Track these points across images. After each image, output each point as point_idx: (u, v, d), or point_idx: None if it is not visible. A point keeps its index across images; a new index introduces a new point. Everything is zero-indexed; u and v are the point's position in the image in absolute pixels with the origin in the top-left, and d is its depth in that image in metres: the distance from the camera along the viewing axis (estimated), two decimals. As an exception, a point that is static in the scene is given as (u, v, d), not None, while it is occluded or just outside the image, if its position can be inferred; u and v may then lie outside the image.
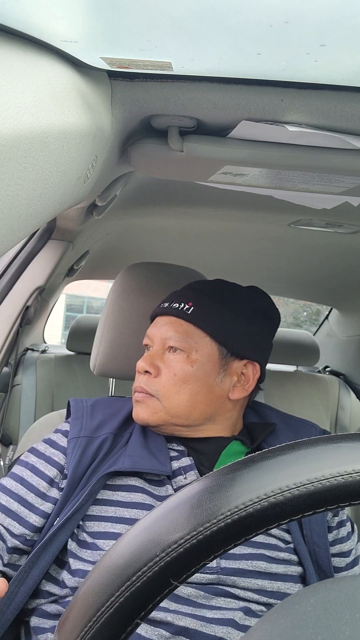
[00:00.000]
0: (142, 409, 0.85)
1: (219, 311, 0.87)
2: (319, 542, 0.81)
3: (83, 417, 0.90)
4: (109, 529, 0.77)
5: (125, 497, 0.80)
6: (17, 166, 0.38)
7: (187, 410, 0.84)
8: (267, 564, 0.75)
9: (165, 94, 0.58)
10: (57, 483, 0.83)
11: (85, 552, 0.76)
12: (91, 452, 0.84)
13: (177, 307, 0.88)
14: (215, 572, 0.73)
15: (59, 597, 0.77)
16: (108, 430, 0.87)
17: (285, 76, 0.51)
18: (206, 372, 0.85)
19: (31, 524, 0.80)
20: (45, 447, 0.88)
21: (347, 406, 2.04)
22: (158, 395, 0.85)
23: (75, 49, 0.46)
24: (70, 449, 0.84)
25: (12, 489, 0.83)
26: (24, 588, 0.75)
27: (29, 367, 1.97)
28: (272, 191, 0.86)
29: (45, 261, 1.32)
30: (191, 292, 0.90)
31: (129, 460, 0.81)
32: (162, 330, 0.87)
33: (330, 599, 0.27)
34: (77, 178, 0.53)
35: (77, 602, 0.32)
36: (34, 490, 0.82)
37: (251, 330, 0.89)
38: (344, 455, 0.32)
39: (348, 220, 1.16)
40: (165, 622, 0.69)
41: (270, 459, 0.33)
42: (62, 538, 0.77)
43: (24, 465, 0.86)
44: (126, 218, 1.31)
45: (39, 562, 0.76)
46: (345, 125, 0.60)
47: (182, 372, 0.85)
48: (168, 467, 0.81)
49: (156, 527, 0.32)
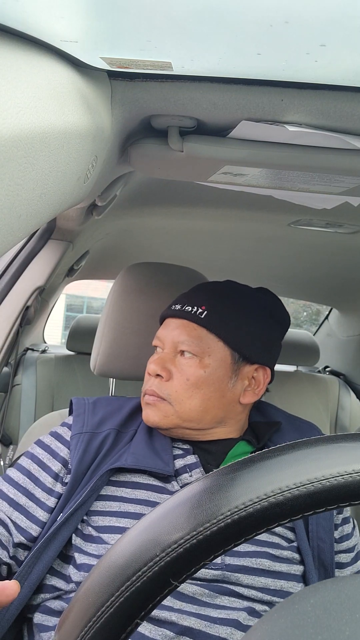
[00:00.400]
0: (153, 412, 0.85)
1: (232, 316, 0.87)
2: (325, 538, 0.82)
3: (85, 413, 0.90)
4: (114, 522, 0.78)
5: (129, 493, 0.80)
6: (17, 166, 0.38)
7: (199, 415, 0.84)
8: (270, 562, 0.76)
9: (165, 94, 0.58)
10: (61, 477, 0.84)
11: (90, 545, 0.76)
12: (94, 448, 0.84)
13: (190, 311, 0.87)
14: (220, 568, 0.74)
15: (64, 592, 0.77)
16: (110, 426, 0.88)
17: (285, 76, 0.51)
18: (218, 377, 0.85)
19: (37, 519, 0.81)
20: (50, 440, 0.88)
21: (347, 406, 2.04)
22: (170, 399, 0.84)
23: (75, 49, 0.46)
24: (74, 445, 0.85)
25: (20, 483, 0.83)
26: (27, 583, 0.75)
27: (29, 367, 1.97)
28: (272, 191, 0.86)
29: (45, 261, 1.32)
30: (204, 295, 0.89)
31: (132, 457, 0.82)
32: (174, 334, 0.87)
33: (330, 599, 0.27)
34: (77, 178, 0.53)
35: (77, 602, 0.32)
36: (41, 486, 0.83)
37: (263, 334, 0.89)
38: (344, 455, 0.32)
39: (348, 220, 1.16)
40: (170, 621, 0.69)
41: (270, 459, 0.33)
42: (65, 533, 0.77)
43: (30, 457, 0.86)
44: (126, 218, 1.30)
45: (42, 557, 0.76)
46: (345, 125, 0.60)
47: (194, 377, 0.84)
48: (171, 466, 0.81)
49: (156, 527, 0.32)
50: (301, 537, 0.81)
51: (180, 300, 0.90)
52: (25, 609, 0.78)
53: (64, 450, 0.86)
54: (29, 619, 0.79)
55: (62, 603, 0.76)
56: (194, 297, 0.89)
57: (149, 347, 1.05)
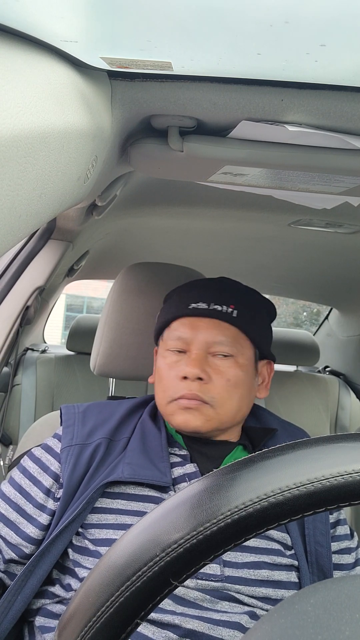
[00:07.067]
0: (194, 417, 0.81)
1: (254, 313, 0.88)
2: (322, 542, 0.81)
3: (74, 424, 0.87)
4: (111, 535, 0.76)
5: (125, 505, 0.78)
6: (17, 166, 0.38)
7: (233, 416, 0.84)
8: (269, 572, 0.75)
9: (165, 94, 0.58)
10: (52, 493, 0.82)
11: (88, 559, 0.75)
12: (85, 460, 0.82)
13: (221, 310, 0.85)
14: (219, 580, 0.73)
15: (64, 598, 0.77)
16: (101, 435, 0.85)
17: (285, 76, 0.51)
18: (249, 376, 0.86)
19: (27, 535, 0.80)
20: (41, 453, 0.87)
21: (347, 406, 2.04)
22: (213, 402, 0.82)
23: (75, 48, 0.46)
24: (64, 459, 0.83)
25: (11, 498, 0.82)
26: (21, 597, 0.74)
27: (29, 367, 1.97)
28: (272, 191, 0.86)
29: (45, 261, 1.32)
30: (228, 293, 0.88)
31: (129, 468, 0.79)
32: (206, 334, 0.84)
33: (330, 599, 0.27)
34: (77, 178, 0.53)
35: (77, 602, 0.32)
36: (32, 501, 0.82)
37: (269, 328, 0.92)
38: (344, 455, 0.32)
39: (348, 220, 1.16)
40: (173, 624, 0.68)
41: (270, 459, 0.33)
42: (59, 547, 0.76)
43: (22, 471, 0.85)
44: (126, 218, 1.30)
45: (36, 571, 0.75)
46: (345, 125, 0.60)
47: (235, 378, 0.83)
48: (168, 477, 0.79)
49: (156, 527, 0.32)
50: (295, 541, 0.80)
51: (205, 298, 0.86)
52: (26, 613, 0.78)
53: (54, 463, 0.84)
54: (30, 622, 0.79)
55: (63, 607, 0.76)
56: (219, 295, 0.86)
57: (149, 347, 1.04)
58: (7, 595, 0.75)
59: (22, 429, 1.87)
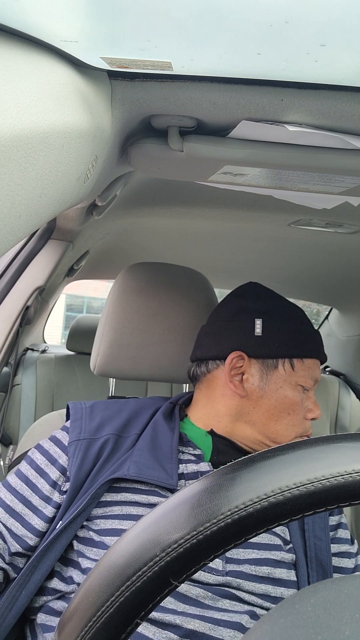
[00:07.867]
0: None
1: None
2: (321, 536, 0.81)
3: (82, 418, 0.88)
4: (116, 525, 0.77)
5: (130, 497, 0.79)
6: (17, 166, 0.38)
7: None
8: (271, 569, 0.76)
9: (165, 94, 0.58)
10: (59, 486, 0.83)
11: (92, 550, 0.76)
12: (93, 455, 0.83)
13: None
14: (221, 574, 0.73)
15: (66, 593, 0.77)
16: (109, 430, 0.86)
17: (285, 76, 0.51)
18: None
19: (33, 527, 0.80)
20: (50, 445, 0.87)
21: (347, 406, 2.04)
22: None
23: (75, 48, 0.46)
24: (72, 453, 0.83)
25: (18, 489, 0.83)
26: (25, 592, 0.75)
27: (29, 367, 1.97)
28: (272, 191, 0.86)
29: (45, 261, 1.32)
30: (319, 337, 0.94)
31: (135, 466, 0.79)
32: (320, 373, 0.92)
33: (330, 599, 0.27)
34: (77, 178, 0.53)
35: (77, 602, 0.32)
36: (39, 493, 0.82)
37: None
38: (344, 455, 0.32)
39: (348, 220, 1.16)
40: (174, 624, 0.68)
41: (270, 459, 0.33)
42: (64, 541, 0.77)
43: (29, 463, 0.86)
44: (126, 218, 1.30)
45: (40, 565, 0.76)
46: (345, 125, 0.60)
47: None
48: (175, 478, 0.79)
49: (156, 527, 0.32)
50: (294, 534, 0.81)
51: (314, 339, 0.92)
52: (27, 610, 0.78)
53: (62, 456, 0.85)
54: (32, 620, 0.79)
55: (65, 604, 0.76)
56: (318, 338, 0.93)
57: (149, 347, 1.05)
58: (11, 591, 0.75)
59: (22, 429, 1.87)
